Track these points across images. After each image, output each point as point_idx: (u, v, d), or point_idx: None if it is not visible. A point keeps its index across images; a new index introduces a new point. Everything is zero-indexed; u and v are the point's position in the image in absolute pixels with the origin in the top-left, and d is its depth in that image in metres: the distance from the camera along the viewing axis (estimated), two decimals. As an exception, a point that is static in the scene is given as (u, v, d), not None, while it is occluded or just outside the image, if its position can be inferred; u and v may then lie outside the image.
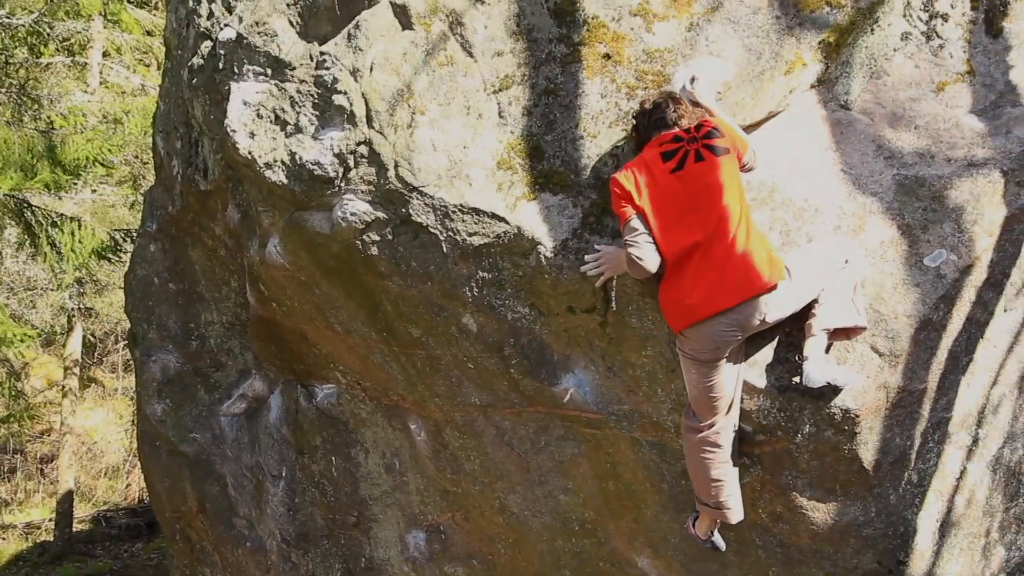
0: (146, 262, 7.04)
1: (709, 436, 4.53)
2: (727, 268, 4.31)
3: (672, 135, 4.47)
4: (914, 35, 5.33)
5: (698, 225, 4.35)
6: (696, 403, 4.54)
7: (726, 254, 4.32)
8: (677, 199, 4.38)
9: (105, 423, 20.21)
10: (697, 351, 4.41)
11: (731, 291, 4.30)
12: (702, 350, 4.40)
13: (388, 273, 5.09)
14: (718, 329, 4.34)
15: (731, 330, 4.35)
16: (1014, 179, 4.77)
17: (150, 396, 7.10)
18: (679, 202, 4.38)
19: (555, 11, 4.91)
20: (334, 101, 4.87)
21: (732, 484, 4.60)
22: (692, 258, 4.36)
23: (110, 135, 13.46)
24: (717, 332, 4.34)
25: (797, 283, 4.42)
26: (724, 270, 4.31)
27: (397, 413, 5.93)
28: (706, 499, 4.64)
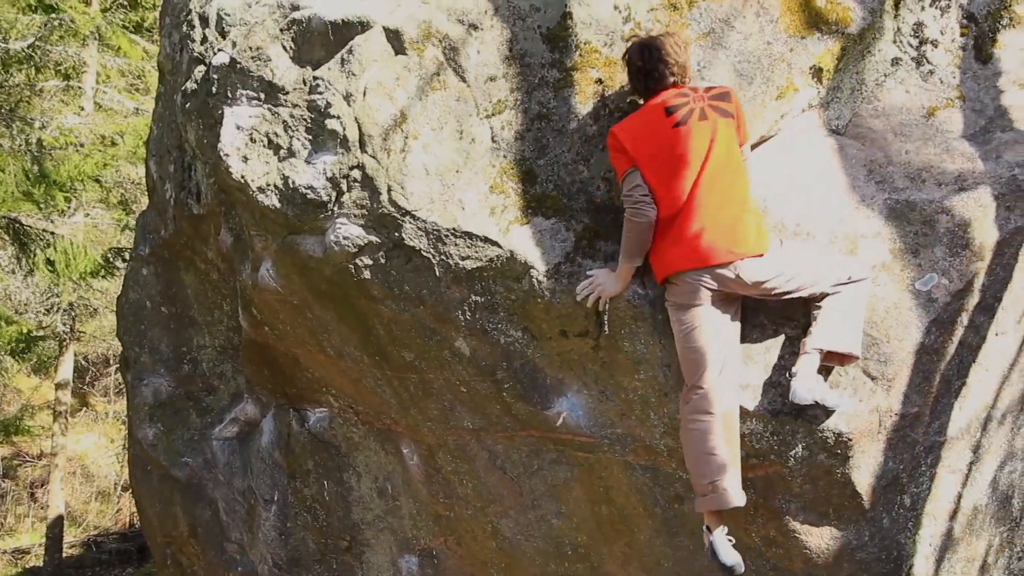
0: (139, 286, 7.04)
1: (698, 402, 4.44)
2: (713, 227, 4.40)
3: (679, 91, 4.55)
4: (904, 61, 5.37)
5: (691, 181, 4.42)
6: (683, 362, 4.53)
7: (714, 213, 4.40)
8: (675, 153, 4.45)
9: (96, 447, 20.13)
10: (676, 295, 4.49)
11: (712, 252, 4.38)
12: (680, 294, 4.47)
13: (381, 297, 5.09)
14: (694, 276, 4.42)
15: (706, 279, 4.42)
16: (1004, 203, 4.79)
17: (142, 420, 7.08)
18: (676, 156, 4.45)
19: (548, 37, 4.93)
20: (327, 125, 4.88)
21: (724, 461, 4.42)
22: (682, 212, 4.43)
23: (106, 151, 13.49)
24: (693, 279, 4.42)
25: (785, 254, 4.51)
26: (710, 229, 4.40)
27: (390, 437, 5.92)
28: (701, 480, 4.45)
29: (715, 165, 4.44)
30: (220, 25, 5.45)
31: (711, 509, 4.45)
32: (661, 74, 4.57)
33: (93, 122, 14.87)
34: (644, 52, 4.59)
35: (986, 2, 5.45)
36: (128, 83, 16.56)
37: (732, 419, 4.46)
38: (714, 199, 4.42)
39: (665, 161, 4.46)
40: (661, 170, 4.47)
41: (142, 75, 16.38)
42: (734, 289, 4.47)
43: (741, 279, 4.41)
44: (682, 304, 4.49)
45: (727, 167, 4.46)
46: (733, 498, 4.40)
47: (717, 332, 4.48)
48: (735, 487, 4.41)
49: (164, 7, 6.48)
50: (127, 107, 16.08)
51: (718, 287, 4.44)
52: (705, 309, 4.46)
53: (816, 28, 5.04)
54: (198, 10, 5.63)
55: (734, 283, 4.43)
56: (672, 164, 4.45)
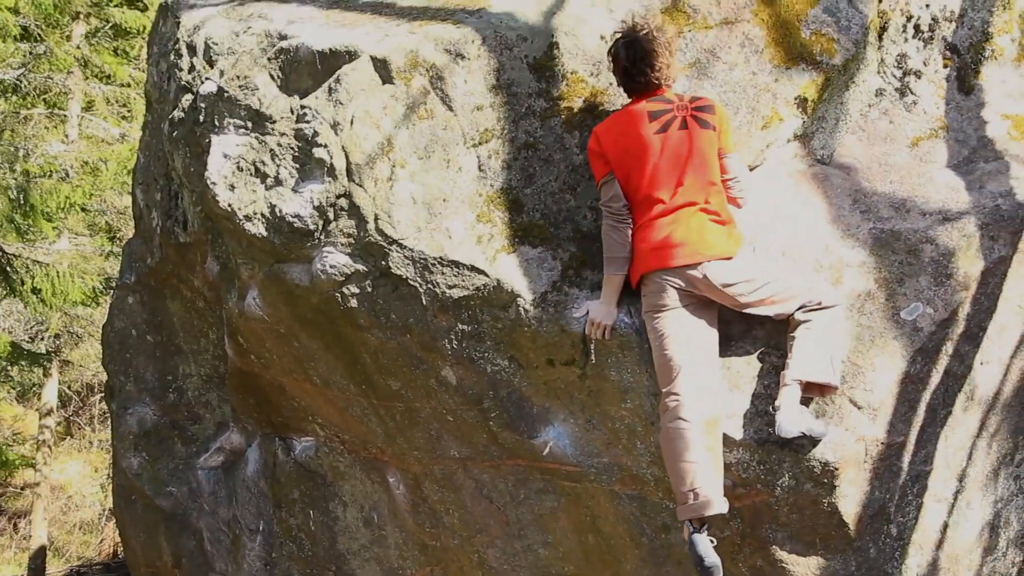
0: (124, 314, 7.01)
1: (676, 409, 4.41)
2: (684, 231, 4.47)
3: (662, 95, 4.61)
4: (888, 91, 5.41)
5: (667, 188, 4.50)
6: (658, 369, 4.53)
7: (686, 220, 4.48)
8: (653, 160, 4.52)
9: (80, 476, 19.98)
10: (648, 298, 4.55)
11: (680, 253, 4.45)
12: (651, 295, 4.52)
13: (367, 326, 5.08)
14: (662, 277, 4.47)
15: (675, 280, 4.47)
16: (988, 233, 4.82)
17: (126, 449, 7.03)
18: (654, 163, 4.52)
19: (534, 66, 4.96)
20: (314, 154, 4.89)
21: (707, 469, 4.37)
22: (656, 217, 4.51)
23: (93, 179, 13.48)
24: (661, 279, 4.48)
25: (756, 263, 4.59)
26: (681, 232, 4.46)
27: (376, 466, 5.89)
28: (681, 488, 4.39)
29: (692, 173, 4.50)
30: (208, 54, 5.46)
31: (692, 517, 4.38)
32: (646, 77, 4.63)
33: (78, 150, 14.87)
34: (630, 52, 4.63)
35: (968, 34, 5.51)
36: (114, 111, 16.56)
37: (713, 426, 4.44)
38: (686, 207, 4.49)
39: (645, 166, 4.53)
40: (638, 175, 4.54)
41: (128, 102, 16.38)
42: (702, 291, 4.48)
43: (708, 280, 4.44)
44: (654, 307, 4.52)
45: (703, 175, 4.52)
46: (714, 506, 4.33)
47: (690, 337, 4.49)
48: (716, 495, 4.35)
49: (152, 36, 6.49)
50: (112, 134, 16.08)
51: (686, 287, 4.47)
52: (677, 313, 4.49)
53: (801, 59, 5.08)
54: (186, 39, 5.64)
55: (702, 283, 4.46)
56: (650, 170, 4.52)
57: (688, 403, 4.41)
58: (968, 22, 5.51)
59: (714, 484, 4.36)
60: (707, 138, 4.56)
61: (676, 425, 4.40)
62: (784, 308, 4.49)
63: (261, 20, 5.42)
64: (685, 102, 4.61)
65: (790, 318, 4.50)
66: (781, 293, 4.48)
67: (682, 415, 4.40)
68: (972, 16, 5.52)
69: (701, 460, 4.36)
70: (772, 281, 4.49)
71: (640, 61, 4.60)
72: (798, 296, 4.48)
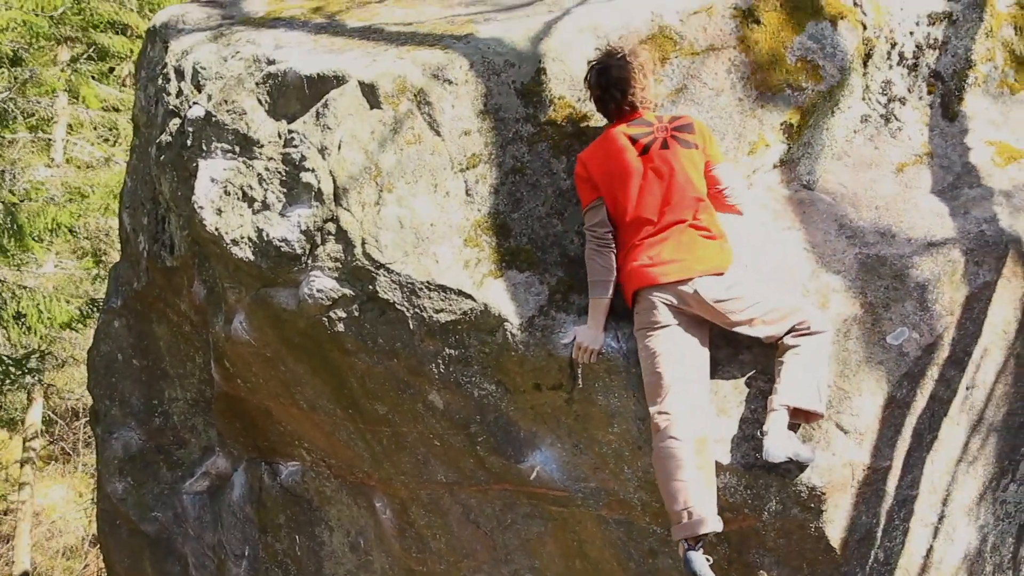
0: (110, 338, 6.98)
1: (668, 428, 4.41)
2: (675, 248, 4.50)
3: (642, 118, 4.66)
4: (873, 118, 5.45)
5: (653, 208, 4.54)
6: (648, 387, 4.54)
7: (677, 236, 4.52)
8: (637, 182, 4.56)
9: (64, 501, 19.84)
10: (640, 316, 4.57)
11: (671, 270, 4.48)
12: (643, 312, 4.55)
13: (354, 350, 5.07)
14: (655, 294, 4.49)
15: (666, 296, 4.49)
16: (973, 259, 4.85)
17: (111, 474, 6.99)
18: (639, 185, 4.56)
19: (522, 91, 4.98)
20: (302, 178, 4.90)
21: (700, 487, 4.37)
22: (645, 238, 4.54)
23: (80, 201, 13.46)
24: (654, 296, 4.49)
25: (747, 281, 4.61)
26: (671, 249, 4.50)
27: (362, 491, 5.87)
28: (674, 507, 4.38)
29: (677, 192, 4.53)
30: (196, 79, 5.47)
31: (686, 537, 4.37)
32: (622, 102, 4.68)
33: (64, 174, 14.86)
34: (603, 79, 4.69)
35: (952, 61, 5.55)
36: (99, 135, 16.56)
37: (704, 444, 4.43)
38: (673, 225, 4.52)
39: (630, 188, 4.56)
40: (624, 198, 4.57)
41: (113, 126, 16.38)
42: (694, 308, 4.50)
43: (700, 295, 4.46)
44: (646, 325, 4.54)
45: (688, 193, 4.55)
46: (708, 524, 4.33)
47: (682, 355, 4.50)
48: (710, 513, 4.36)
49: (140, 60, 6.50)
50: (97, 157, 16.08)
51: (678, 303, 4.49)
52: (670, 331, 4.50)
53: (787, 85, 5.11)
54: (174, 64, 5.65)
55: (693, 299, 4.47)
56: (635, 192, 4.56)
57: (679, 421, 4.41)
58: (951, 49, 5.56)
59: (707, 502, 4.37)
60: (689, 157, 4.59)
61: (668, 444, 4.40)
62: (774, 330, 4.50)
63: (249, 45, 5.43)
64: (664, 123, 4.65)
65: (779, 342, 4.51)
66: (771, 313, 4.49)
67: (673, 434, 4.40)
68: (955, 44, 5.57)
69: (694, 479, 4.36)
70: (762, 301, 4.51)
71: (614, 87, 4.66)
72: (788, 317, 4.49)
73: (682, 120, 4.68)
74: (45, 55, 15.14)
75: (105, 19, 15.61)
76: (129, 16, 15.73)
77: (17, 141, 15.32)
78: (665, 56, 5.04)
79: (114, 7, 15.38)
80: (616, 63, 4.66)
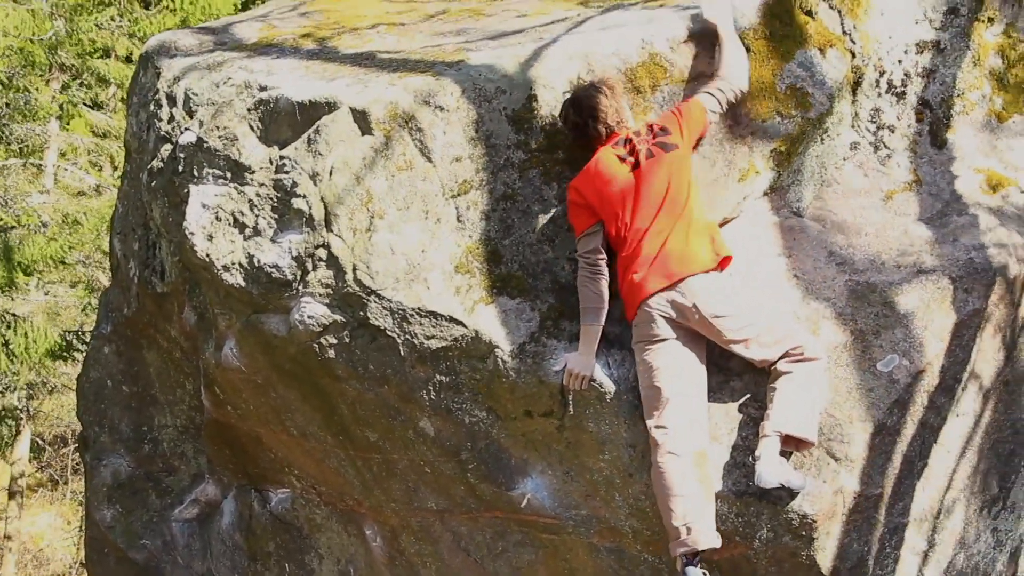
0: (100, 364, 6.96)
1: (666, 442, 4.42)
2: (666, 253, 4.53)
3: (620, 137, 4.73)
4: (863, 145, 5.48)
5: (645, 216, 4.57)
6: (646, 400, 4.55)
7: (666, 241, 4.54)
8: (631, 196, 4.61)
9: (52, 529, 19.73)
10: (639, 328, 4.58)
11: (666, 274, 4.50)
12: (642, 324, 4.56)
13: (345, 376, 5.06)
14: (652, 305, 4.51)
15: (665, 307, 4.50)
16: (962, 286, 4.86)
17: (100, 501, 6.96)
18: (633, 199, 4.61)
19: (513, 118, 4.99)
20: (293, 204, 4.90)
21: (699, 502, 4.39)
22: (640, 245, 4.56)
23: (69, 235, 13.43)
24: (652, 308, 4.51)
25: (745, 298, 4.63)
26: (663, 255, 4.53)
27: (352, 518, 5.85)
28: (673, 523, 4.39)
29: (669, 199, 4.58)
30: (187, 104, 5.48)
31: (684, 552, 4.38)
32: (596, 130, 4.74)
33: (56, 201, 14.84)
34: (576, 110, 4.76)
35: (940, 89, 5.59)
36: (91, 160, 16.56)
37: (703, 459, 4.46)
38: (666, 230, 4.56)
39: (626, 205, 4.61)
40: (622, 213, 4.61)
41: (105, 152, 16.39)
42: (691, 321, 4.51)
43: (698, 308, 4.47)
44: (645, 338, 4.55)
45: (680, 197, 4.60)
46: (706, 540, 4.36)
47: (681, 370, 4.52)
48: (709, 528, 4.38)
49: (131, 86, 6.51)
50: (89, 184, 16.07)
51: (676, 316, 4.51)
52: (669, 344, 4.52)
53: (776, 112, 5.14)
54: (165, 90, 5.66)
55: (691, 312, 4.48)
56: (630, 206, 4.60)
57: (678, 435, 4.43)
58: (940, 78, 5.60)
59: (706, 517, 4.40)
60: (673, 159, 4.64)
61: (666, 459, 4.42)
62: (768, 353, 4.50)
63: (241, 71, 5.44)
64: (643, 135, 4.71)
65: (772, 368, 4.52)
66: (766, 335, 4.50)
67: (672, 448, 4.42)
68: (943, 72, 5.61)
69: (693, 494, 4.38)
70: (758, 322, 4.53)
71: (587, 115, 4.73)
72: (783, 341, 4.50)
73: (658, 125, 4.75)
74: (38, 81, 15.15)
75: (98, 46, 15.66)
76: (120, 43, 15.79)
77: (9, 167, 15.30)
78: (656, 83, 5.06)
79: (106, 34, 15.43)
80: (585, 93, 4.76)
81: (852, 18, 5.41)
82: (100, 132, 16.76)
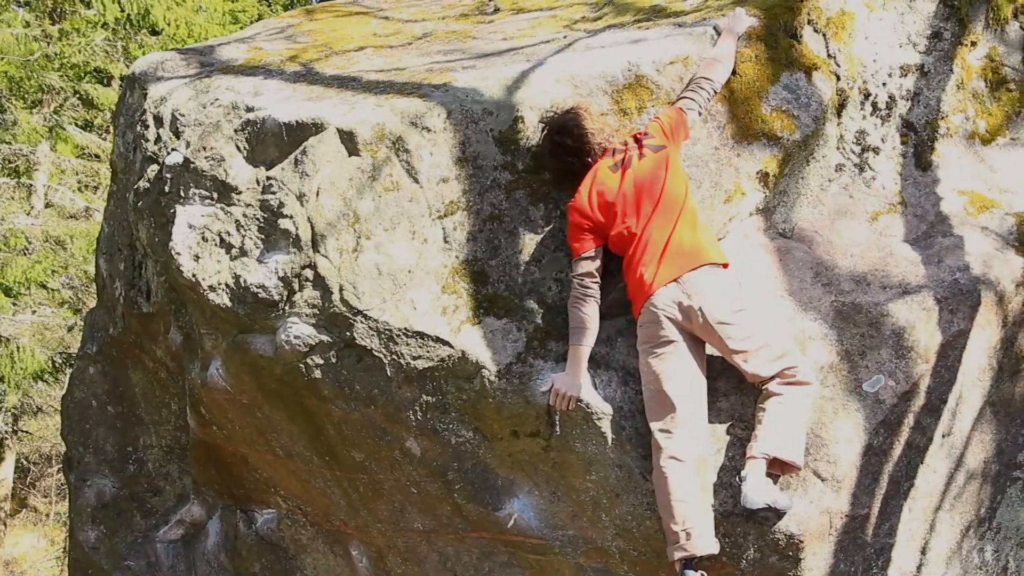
0: (85, 384, 6.94)
1: (669, 447, 4.43)
2: (674, 244, 4.57)
3: (613, 149, 4.78)
4: (848, 167, 5.51)
5: (645, 211, 4.62)
6: (650, 404, 4.55)
7: (673, 233, 4.58)
8: (629, 193, 4.65)
9: (35, 550, 19.59)
10: (644, 328, 4.58)
11: (676, 264, 4.53)
12: (647, 324, 4.57)
13: (331, 396, 5.06)
14: (659, 305, 4.51)
15: (670, 307, 4.51)
16: (947, 307, 4.88)
17: (84, 522, 6.92)
18: (632, 196, 4.64)
19: (500, 139, 5.01)
20: (280, 225, 4.90)
21: (697, 507, 4.41)
22: (645, 241, 4.60)
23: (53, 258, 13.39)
24: (658, 308, 4.51)
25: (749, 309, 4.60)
26: (671, 246, 4.57)
27: (338, 539, 5.83)
28: (673, 527, 4.41)
29: (669, 193, 4.63)
30: (174, 125, 5.49)
31: (683, 557, 4.40)
32: (592, 151, 4.78)
33: (44, 223, 14.81)
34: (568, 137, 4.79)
35: (924, 112, 5.63)
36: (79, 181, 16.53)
37: (705, 465, 4.48)
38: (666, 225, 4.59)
39: (624, 204, 4.64)
40: (622, 214, 4.63)
41: (95, 174, 16.36)
42: (695, 326, 4.52)
43: (703, 313, 4.48)
44: (650, 340, 4.56)
45: (678, 192, 4.65)
46: (705, 545, 4.39)
47: (686, 375, 4.53)
48: (707, 534, 4.41)
49: (119, 107, 6.51)
50: (78, 206, 16.04)
51: (681, 319, 4.51)
52: (674, 347, 4.53)
53: (762, 134, 5.16)
54: (153, 110, 5.66)
55: (695, 315, 4.49)
56: (631, 210, 4.63)
57: (682, 441, 4.45)
58: (923, 100, 5.64)
59: (706, 523, 4.42)
60: (665, 156, 4.70)
61: (669, 464, 4.43)
62: (763, 370, 4.50)
63: (228, 92, 5.45)
64: (630, 145, 4.75)
65: (763, 388, 4.52)
66: (766, 350, 4.51)
67: (675, 453, 4.43)
68: (927, 95, 5.65)
69: (693, 499, 4.41)
70: (760, 336, 4.54)
71: (580, 140, 4.76)
72: (780, 360, 4.50)
73: (641, 133, 4.81)
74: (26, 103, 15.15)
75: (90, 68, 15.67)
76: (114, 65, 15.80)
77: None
78: (642, 105, 5.08)
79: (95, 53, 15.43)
80: (569, 121, 4.79)
81: (837, 41, 5.45)
82: (92, 154, 16.74)
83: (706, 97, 4.97)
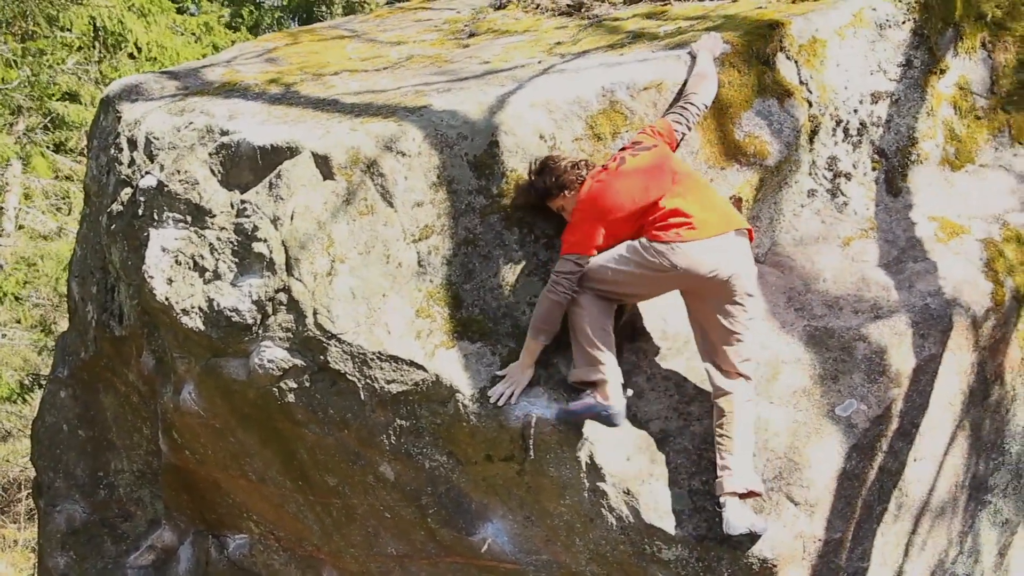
0: (55, 408, 6.88)
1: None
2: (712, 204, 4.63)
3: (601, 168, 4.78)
4: (820, 192, 5.55)
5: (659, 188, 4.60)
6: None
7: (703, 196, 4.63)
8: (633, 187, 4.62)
9: (1, 577, 19.33)
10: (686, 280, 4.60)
11: (724, 220, 4.58)
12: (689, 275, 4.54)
13: (305, 420, 5.03)
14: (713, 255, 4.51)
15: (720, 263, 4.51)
16: (919, 331, 4.92)
17: (53, 548, 6.85)
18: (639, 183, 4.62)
19: (475, 164, 5.02)
20: (254, 248, 4.89)
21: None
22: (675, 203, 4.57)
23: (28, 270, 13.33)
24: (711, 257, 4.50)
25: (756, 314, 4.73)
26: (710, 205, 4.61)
27: (312, 564, 5.80)
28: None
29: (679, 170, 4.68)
30: (148, 148, 5.47)
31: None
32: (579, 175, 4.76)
33: (15, 244, 14.71)
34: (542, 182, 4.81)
35: (895, 139, 5.69)
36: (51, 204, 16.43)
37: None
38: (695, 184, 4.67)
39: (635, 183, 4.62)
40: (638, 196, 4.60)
41: (67, 195, 16.27)
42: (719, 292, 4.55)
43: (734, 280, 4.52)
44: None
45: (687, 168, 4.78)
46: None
47: None
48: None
49: (92, 130, 6.49)
50: (50, 227, 15.94)
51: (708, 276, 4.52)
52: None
53: (735, 160, 5.20)
54: (127, 133, 5.64)
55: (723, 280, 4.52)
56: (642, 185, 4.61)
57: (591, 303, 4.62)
58: (895, 127, 5.70)
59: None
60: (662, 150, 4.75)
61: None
62: (731, 367, 4.58)
63: (203, 115, 5.44)
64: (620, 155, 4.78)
65: (716, 400, 4.56)
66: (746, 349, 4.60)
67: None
68: (898, 121, 5.71)
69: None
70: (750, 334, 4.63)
71: (557, 173, 4.76)
72: (746, 364, 4.60)
73: (631, 141, 4.86)
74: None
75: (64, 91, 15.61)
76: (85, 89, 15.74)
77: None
78: (616, 131, 5.11)
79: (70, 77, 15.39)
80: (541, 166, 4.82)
81: (809, 68, 5.50)
82: (64, 175, 16.65)
83: (694, 114, 4.98)
